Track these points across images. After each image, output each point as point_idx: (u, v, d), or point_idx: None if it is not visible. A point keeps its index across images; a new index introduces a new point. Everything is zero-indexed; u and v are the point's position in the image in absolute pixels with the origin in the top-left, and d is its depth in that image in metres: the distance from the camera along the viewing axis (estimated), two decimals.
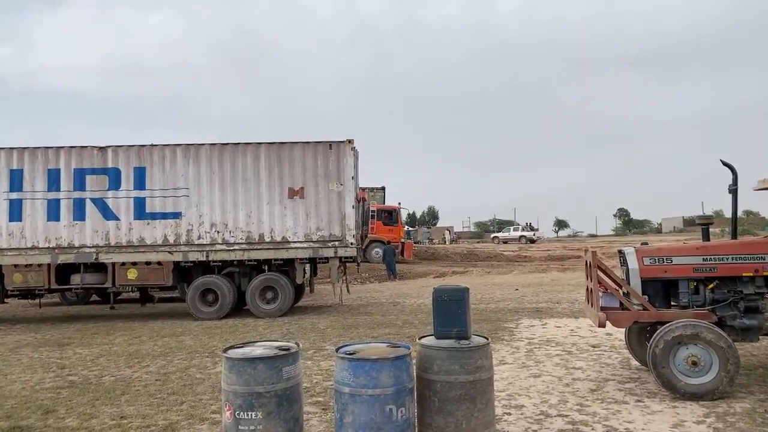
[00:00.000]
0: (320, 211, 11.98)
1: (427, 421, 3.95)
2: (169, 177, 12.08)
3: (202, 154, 12.13)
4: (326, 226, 11.96)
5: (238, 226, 12.01)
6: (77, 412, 5.36)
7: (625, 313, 5.69)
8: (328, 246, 11.96)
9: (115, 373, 6.97)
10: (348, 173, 11.99)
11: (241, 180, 12.07)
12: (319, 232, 11.97)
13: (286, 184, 12.02)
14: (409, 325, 10.22)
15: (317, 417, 5.04)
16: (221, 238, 11.99)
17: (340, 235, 11.95)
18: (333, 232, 11.95)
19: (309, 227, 11.97)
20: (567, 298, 13.56)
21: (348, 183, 11.97)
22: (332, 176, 12.00)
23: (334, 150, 12.03)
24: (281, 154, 12.07)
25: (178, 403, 5.56)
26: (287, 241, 11.96)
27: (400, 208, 28.67)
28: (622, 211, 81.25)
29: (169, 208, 12.02)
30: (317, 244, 11.96)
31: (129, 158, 12.11)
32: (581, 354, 7.34)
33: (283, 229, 11.98)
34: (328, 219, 11.97)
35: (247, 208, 12.03)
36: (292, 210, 11.99)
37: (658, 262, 5.71)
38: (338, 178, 11.98)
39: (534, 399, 5.42)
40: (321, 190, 11.99)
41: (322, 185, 12.00)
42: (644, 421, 4.70)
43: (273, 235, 11.98)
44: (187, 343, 9.00)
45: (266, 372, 3.73)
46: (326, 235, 11.96)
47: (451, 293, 4.15)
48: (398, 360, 3.75)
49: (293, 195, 11.97)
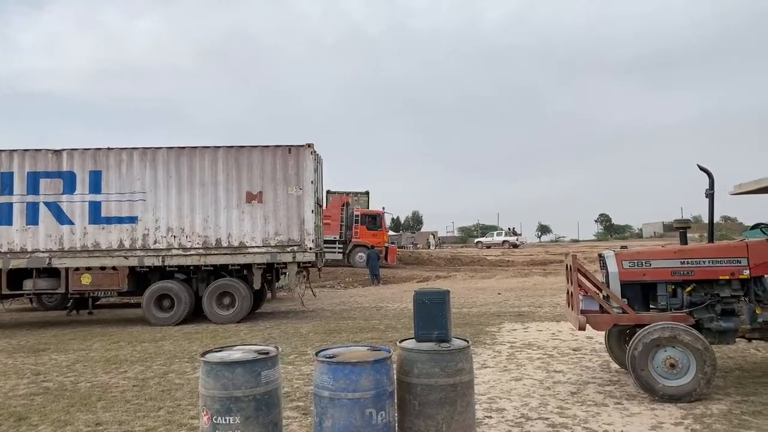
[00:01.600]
0: (279, 216, 11.89)
1: (407, 425, 3.92)
2: (125, 181, 11.93)
3: (159, 158, 11.98)
4: (285, 231, 11.87)
5: (195, 231, 11.88)
6: (51, 419, 5.24)
7: (605, 317, 5.73)
8: (286, 251, 11.85)
9: (91, 379, 6.84)
10: (307, 177, 11.92)
11: (198, 184, 11.96)
12: (277, 237, 11.86)
13: (244, 188, 11.93)
14: (392, 329, 10.19)
15: (297, 422, 4.99)
16: (178, 243, 11.85)
17: (298, 240, 11.84)
18: (292, 236, 11.85)
19: (267, 232, 11.87)
20: (549, 302, 13.66)
21: (307, 187, 11.90)
22: (291, 180, 11.93)
23: (294, 154, 11.97)
24: (240, 158, 11.98)
25: (156, 409, 5.47)
26: (245, 246, 11.85)
27: (384, 212, 28.69)
28: (603, 217, 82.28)
29: (125, 212, 11.87)
30: (275, 249, 11.84)
31: (84, 161, 11.92)
32: (562, 357, 7.38)
33: (241, 234, 11.86)
34: (287, 224, 11.88)
35: (204, 212, 11.91)
36: (250, 214, 11.89)
37: (637, 266, 5.77)
38: (297, 182, 11.91)
39: (515, 402, 5.43)
40: (280, 194, 11.92)
41: (281, 189, 11.93)
42: (623, 423, 4.73)
43: (230, 240, 11.87)
44: (166, 348, 8.87)
45: (244, 376, 3.67)
46: (285, 240, 11.87)
47: (432, 296, 4.13)
48: (378, 363, 3.72)
49: (251, 199, 11.89)
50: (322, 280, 22.90)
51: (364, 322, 11.40)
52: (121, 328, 11.42)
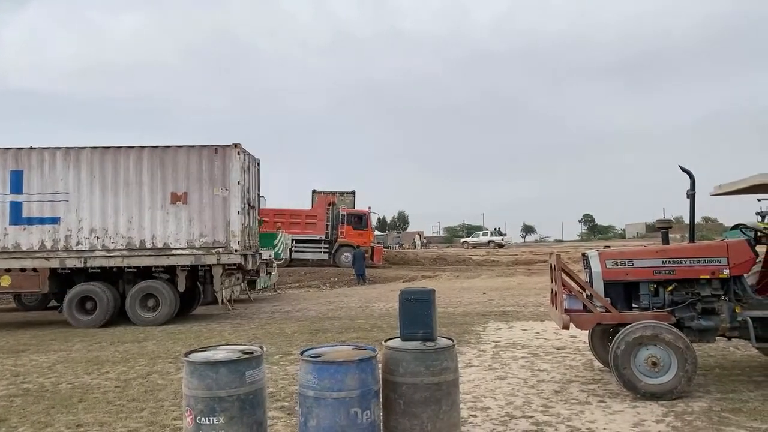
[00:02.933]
0: (204, 217, 11.68)
1: (392, 424, 3.93)
2: (48, 181, 11.69)
3: (82, 158, 11.78)
4: (210, 233, 11.64)
5: (118, 232, 11.67)
6: (31, 421, 5.16)
7: (589, 316, 5.79)
8: (211, 253, 11.62)
9: (72, 380, 6.74)
10: (234, 178, 11.69)
11: (122, 184, 11.75)
12: (202, 239, 11.64)
13: (169, 188, 11.72)
14: (378, 329, 10.19)
15: (282, 422, 4.97)
16: (101, 245, 11.64)
17: (224, 241, 11.62)
18: (217, 238, 11.63)
19: (192, 233, 11.66)
20: (533, 302, 13.75)
21: (234, 188, 11.67)
22: (217, 181, 11.70)
23: (220, 154, 11.76)
24: (165, 158, 11.78)
25: (138, 410, 5.41)
26: (169, 248, 11.64)
27: (370, 212, 28.70)
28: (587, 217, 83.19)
29: (47, 213, 11.64)
30: (200, 251, 11.62)
31: (5, 161, 11.69)
32: (546, 356, 7.44)
33: (165, 236, 11.66)
34: (212, 225, 11.65)
35: (128, 213, 11.71)
36: (175, 215, 11.69)
37: (620, 265, 5.83)
38: (224, 183, 11.68)
39: (499, 401, 5.46)
40: (205, 195, 11.70)
41: (206, 190, 11.71)
42: (606, 420, 4.78)
43: (154, 242, 11.66)
44: (149, 349, 8.78)
45: (229, 376, 3.64)
46: (210, 241, 11.64)
47: (417, 295, 4.14)
48: (363, 362, 3.72)
49: (176, 200, 11.68)
50: (308, 280, 22.87)
51: (350, 322, 11.38)
52: (102, 329, 11.26)
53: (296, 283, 22.28)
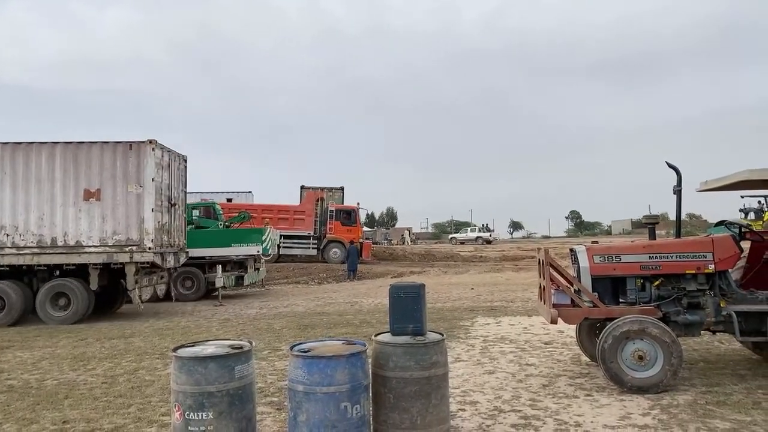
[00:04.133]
0: (117, 215, 11.50)
1: (382, 418, 3.93)
2: None
3: None
4: (123, 230, 11.47)
5: (29, 229, 11.43)
6: (16, 418, 5.09)
7: (576, 310, 5.83)
8: (124, 251, 11.43)
9: (58, 377, 6.67)
10: (149, 175, 11.48)
11: (34, 181, 11.50)
12: (115, 237, 11.46)
13: (82, 185, 11.51)
14: (367, 324, 10.19)
15: (271, 417, 4.95)
16: (11, 242, 11.41)
17: (137, 239, 11.42)
18: (130, 236, 11.44)
19: (105, 231, 11.46)
20: (521, 297, 13.84)
21: (148, 185, 11.47)
22: (132, 178, 11.50)
23: (135, 150, 11.54)
24: (78, 154, 11.57)
25: (125, 406, 5.36)
26: (81, 246, 11.42)
27: (358, 208, 28.63)
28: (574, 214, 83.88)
29: None
30: (113, 249, 11.42)
31: None
32: (534, 351, 7.49)
33: (78, 233, 11.45)
34: (126, 223, 11.47)
35: (39, 210, 11.46)
36: (88, 213, 11.49)
37: (608, 261, 5.88)
38: (138, 179, 11.48)
39: (488, 395, 5.49)
40: (119, 192, 11.52)
41: (120, 187, 11.53)
42: (593, 414, 4.83)
43: (66, 239, 11.43)
44: (136, 345, 8.70)
45: (218, 371, 3.63)
46: (123, 239, 11.45)
47: (407, 290, 4.15)
48: (353, 357, 3.72)
49: (89, 197, 11.48)
50: (296, 275, 22.81)
51: (339, 317, 11.37)
52: (88, 325, 11.15)
53: (284, 279, 22.22)
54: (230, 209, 23.47)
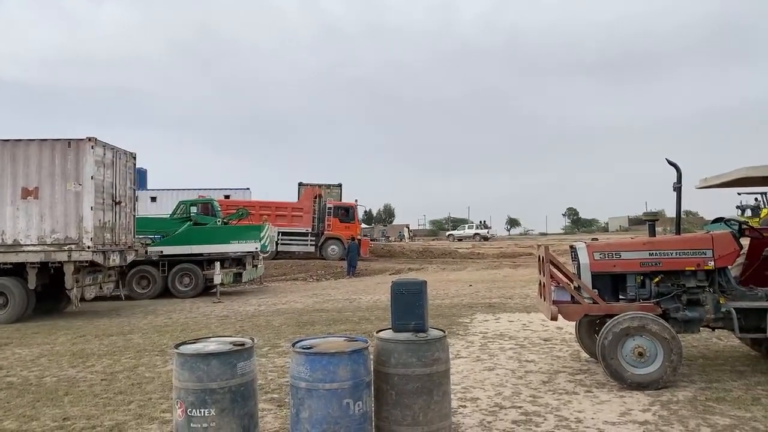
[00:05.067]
0: (56, 213, 11.36)
1: (384, 415, 3.93)
2: None
3: None
4: (62, 229, 11.34)
5: None
6: (16, 414, 5.08)
7: (576, 307, 5.84)
8: (62, 250, 11.29)
9: (57, 374, 6.65)
10: (87, 172, 11.36)
11: None
12: (53, 235, 11.33)
13: (20, 183, 11.37)
14: (366, 321, 10.20)
15: (272, 413, 4.96)
16: None
17: (76, 238, 11.31)
18: (69, 235, 11.32)
19: (43, 229, 11.35)
20: (519, 294, 13.86)
21: (87, 183, 11.34)
22: (70, 176, 11.37)
23: (74, 148, 11.41)
24: (16, 151, 11.44)
25: (126, 403, 5.36)
26: (19, 244, 11.30)
27: (357, 205, 28.62)
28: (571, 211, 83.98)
29: None
30: (52, 248, 11.28)
31: None
32: (533, 347, 7.50)
33: (15, 231, 11.32)
34: (65, 221, 11.34)
35: None
36: (26, 211, 11.35)
37: (608, 257, 5.89)
38: (77, 177, 11.35)
39: (488, 391, 5.50)
40: (58, 190, 11.37)
41: (59, 185, 11.37)
42: (594, 410, 4.84)
43: (4, 238, 11.32)
44: (135, 342, 8.69)
45: (220, 368, 3.62)
46: (61, 238, 11.32)
47: (409, 287, 4.14)
48: (355, 354, 3.71)
49: (27, 195, 11.34)
50: (294, 272, 22.80)
51: (338, 314, 11.37)
52: (87, 322, 11.13)
53: (282, 276, 22.21)
54: (228, 206, 23.43)
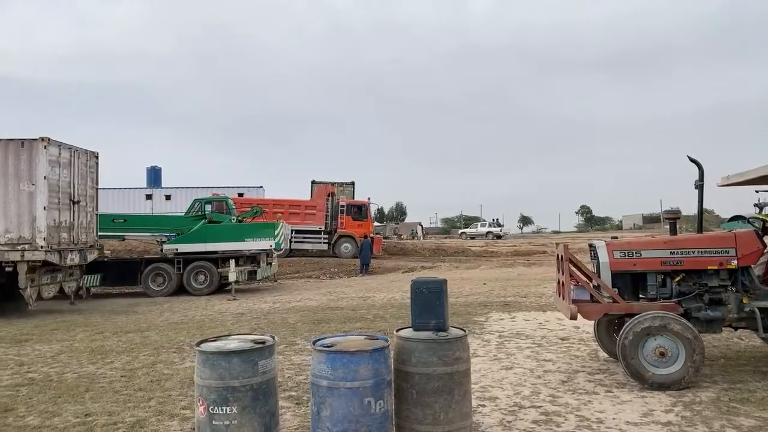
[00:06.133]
0: (9, 213, 11.40)
1: (404, 414, 3.92)
2: None
3: None
4: (15, 228, 11.37)
5: None
6: (38, 410, 5.14)
7: (596, 306, 5.79)
8: (16, 249, 11.31)
9: (77, 370, 6.73)
10: (41, 172, 11.35)
11: None
12: (7, 235, 11.36)
13: None
14: (381, 319, 10.19)
15: (291, 411, 4.97)
16: None
17: (29, 237, 11.33)
18: (23, 234, 11.35)
19: None
20: (534, 292, 13.77)
21: (40, 183, 11.33)
22: (23, 176, 11.38)
23: (27, 148, 11.42)
24: None
25: (146, 400, 5.40)
26: None
27: (369, 203, 28.63)
28: (584, 209, 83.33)
29: None
30: (5, 248, 11.33)
31: None
32: (551, 346, 7.45)
33: None
34: (18, 221, 11.37)
35: None
36: None
37: (628, 256, 5.83)
38: (30, 177, 11.36)
39: (507, 391, 5.47)
40: (11, 190, 11.40)
41: (12, 185, 11.40)
42: (615, 410, 4.79)
43: None
44: (152, 339, 8.76)
45: (241, 366, 3.63)
46: (15, 237, 11.35)
47: (430, 285, 4.12)
48: (377, 352, 3.70)
49: None
50: (307, 270, 22.87)
51: (352, 312, 11.37)
52: (104, 319, 11.25)
53: (296, 274, 22.28)
54: (242, 204, 23.54)
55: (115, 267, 16.38)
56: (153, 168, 52.32)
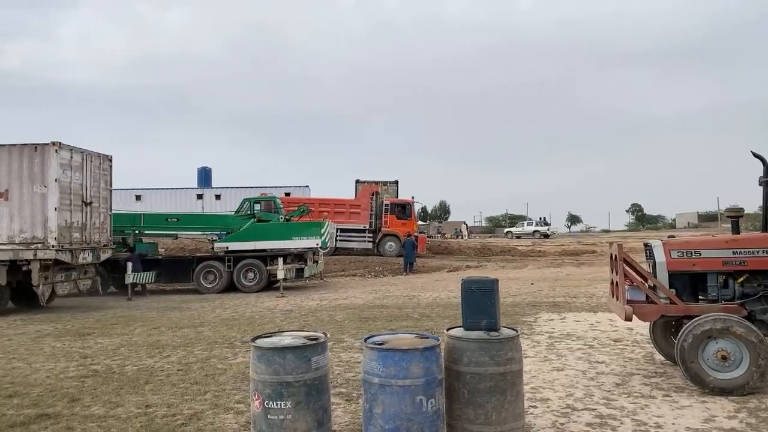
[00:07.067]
0: (24, 214, 12.09)
1: (456, 413, 3.91)
2: None
3: None
4: (29, 229, 12.04)
5: None
6: (102, 401, 5.39)
7: (652, 307, 5.61)
8: (30, 248, 11.97)
9: (137, 363, 7.02)
10: (52, 176, 12.00)
11: None
12: (22, 235, 12.04)
13: None
14: (426, 318, 10.18)
15: (341, 408, 5.03)
16: None
17: (42, 237, 11.96)
18: (35, 234, 12.01)
19: (12, 229, 12.07)
20: (584, 293, 13.45)
21: (52, 185, 11.99)
22: (37, 179, 12.05)
23: (39, 152, 12.07)
24: None
25: (202, 393, 5.58)
26: None
27: (413, 201, 28.59)
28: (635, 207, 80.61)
29: None
30: (20, 247, 12.01)
31: None
32: (603, 348, 7.26)
33: None
34: (31, 221, 12.04)
35: None
36: None
37: (686, 255, 5.62)
38: (42, 180, 12.02)
39: (559, 392, 5.37)
40: (26, 192, 12.10)
41: (27, 188, 12.10)
42: (674, 415, 4.63)
43: None
44: (205, 334, 9.04)
45: (295, 361, 3.71)
46: (29, 237, 12.03)
47: (481, 284, 4.10)
48: (428, 351, 3.71)
49: None
50: (352, 268, 23.07)
51: (398, 310, 11.41)
52: (160, 314, 11.68)
53: (341, 272, 22.50)
54: (289, 203, 23.95)
55: (169, 265, 17.01)
56: (203, 168, 53.98)
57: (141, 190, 48.67)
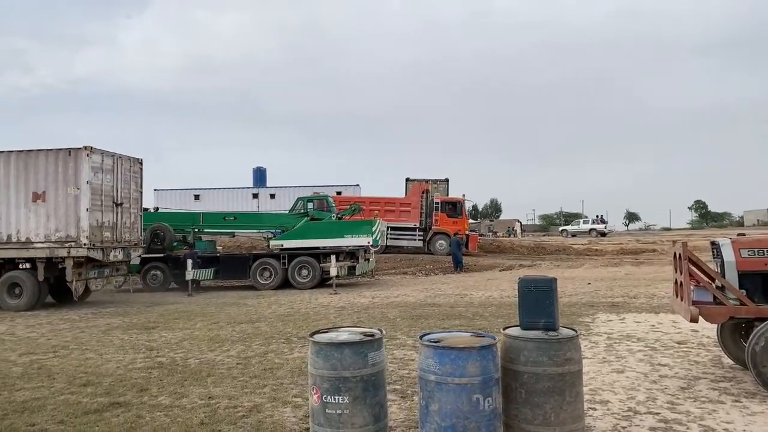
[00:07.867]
0: (59, 214, 12.84)
1: (513, 413, 3.87)
2: None
3: None
4: (63, 228, 12.81)
5: None
6: (168, 391, 5.65)
7: (720, 308, 5.35)
8: (64, 246, 12.72)
9: (199, 356, 7.30)
10: (83, 178, 12.70)
11: None
12: (57, 234, 12.82)
13: (31, 188, 12.95)
14: (479, 317, 10.09)
15: (396, 404, 5.06)
16: None
17: (75, 236, 12.72)
18: (69, 233, 12.77)
19: (49, 228, 12.86)
20: (644, 293, 12.98)
21: (84, 187, 12.70)
22: (70, 181, 12.79)
23: (73, 156, 12.81)
24: (28, 161, 12.99)
25: (261, 387, 5.75)
26: (30, 242, 12.91)
27: (464, 200, 28.34)
28: (699, 204, 77.01)
29: None
30: (55, 245, 12.79)
31: None
32: (666, 350, 6.99)
33: (27, 230, 12.92)
34: (65, 221, 12.80)
35: None
36: (35, 213, 12.92)
37: (758, 255, 5.33)
38: (75, 182, 12.76)
39: (619, 395, 5.21)
40: (60, 194, 12.85)
41: (61, 189, 12.85)
42: (744, 422, 4.42)
43: (19, 236, 12.95)
44: (263, 330, 9.29)
45: (352, 357, 3.77)
46: (63, 236, 12.79)
47: (538, 284, 4.04)
48: (484, 349, 3.68)
49: (36, 199, 12.91)
50: (403, 266, 23.11)
51: (450, 309, 11.35)
52: (218, 310, 12.09)
53: (392, 270, 22.60)
54: (340, 202, 24.25)
55: (227, 262, 17.57)
56: (258, 168, 55.38)
57: (199, 189, 50.51)
